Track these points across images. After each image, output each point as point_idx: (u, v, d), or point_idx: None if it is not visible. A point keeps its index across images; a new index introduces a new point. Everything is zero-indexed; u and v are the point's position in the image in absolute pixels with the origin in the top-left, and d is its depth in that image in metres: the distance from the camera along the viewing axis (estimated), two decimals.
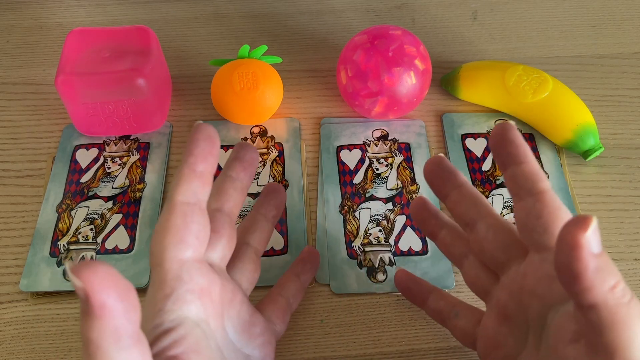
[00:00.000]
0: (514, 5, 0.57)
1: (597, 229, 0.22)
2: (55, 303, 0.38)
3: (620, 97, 0.50)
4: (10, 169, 0.45)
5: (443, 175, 0.32)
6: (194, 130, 0.28)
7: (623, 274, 0.39)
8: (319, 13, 0.57)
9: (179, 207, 0.27)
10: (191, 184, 0.27)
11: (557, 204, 0.27)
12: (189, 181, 0.27)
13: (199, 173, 0.27)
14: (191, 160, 0.27)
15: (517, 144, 0.28)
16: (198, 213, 0.27)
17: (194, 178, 0.27)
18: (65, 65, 0.42)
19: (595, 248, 0.22)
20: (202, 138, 0.28)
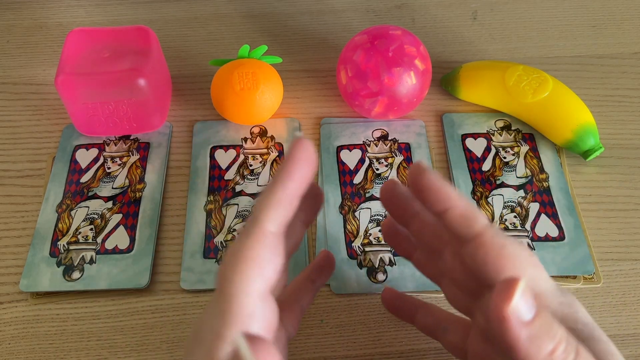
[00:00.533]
0: (514, 5, 0.57)
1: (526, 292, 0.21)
2: (55, 303, 0.38)
3: (620, 97, 0.50)
4: (10, 169, 0.45)
5: (399, 204, 0.30)
6: (297, 148, 0.24)
7: (623, 274, 0.39)
8: (319, 13, 0.57)
9: (267, 236, 0.24)
10: (284, 212, 0.24)
11: (499, 242, 0.24)
12: (282, 208, 0.24)
13: (291, 199, 0.24)
14: (288, 185, 0.24)
15: (435, 188, 0.25)
16: (281, 246, 0.25)
17: (287, 205, 0.24)
18: (65, 65, 0.42)
19: (526, 315, 0.21)
20: (305, 159, 0.24)
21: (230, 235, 0.41)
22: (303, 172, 0.24)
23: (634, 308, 0.38)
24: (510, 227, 0.41)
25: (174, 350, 0.37)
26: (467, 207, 0.25)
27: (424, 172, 0.25)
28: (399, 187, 0.30)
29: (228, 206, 0.42)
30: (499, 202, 0.43)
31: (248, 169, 0.44)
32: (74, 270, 0.39)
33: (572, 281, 0.39)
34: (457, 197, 0.25)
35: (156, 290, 0.39)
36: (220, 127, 0.47)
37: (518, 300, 0.21)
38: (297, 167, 0.24)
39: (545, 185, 0.43)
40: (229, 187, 0.43)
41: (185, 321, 0.38)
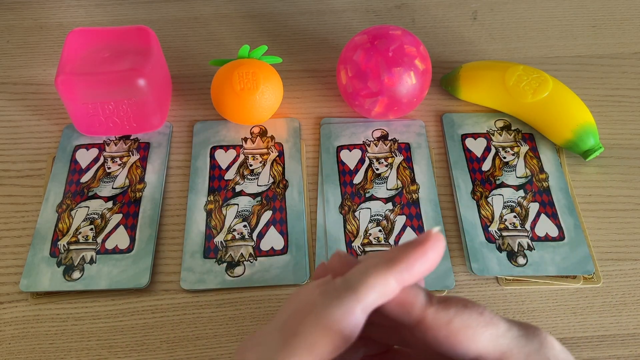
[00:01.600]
0: (514, 5, 0.57)
1: None
2: (55, 303, 0.38)
3: (620, 97, 0.50)
4: (10, 169, 0.45)
5: None
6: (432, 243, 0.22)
7: (623, 274, 0.39)
8: (319, 13, 0.57)
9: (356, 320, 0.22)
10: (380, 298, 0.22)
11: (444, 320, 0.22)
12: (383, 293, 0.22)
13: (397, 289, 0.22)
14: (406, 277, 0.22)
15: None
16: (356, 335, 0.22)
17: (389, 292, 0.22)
18: (65, 65, 0.42)
19: None
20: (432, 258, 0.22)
21: (230, 235, 0.41)
22: (422, 271, 0.22)
23: (634, 308, 0.38)
24: (510, 227, 0.41)
25: (174, 350, 0.37)
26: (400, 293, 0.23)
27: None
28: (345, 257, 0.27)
29: (228, 206, 0.42)
30: (498, 202, 0.43)
31: (248, 169, 0.44)
32: (74, 270, 0.39)
33: (572, 281, 0.39)
34: None
35: (156, 290, 0.39)
36: (220, 127, 0.47)
37: None
38: (422, 261, 0.22)
39: (545, 185, 0.43)
40: (229, 187, 0.43)
41: (185, 321, 0.38)
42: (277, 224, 0.41)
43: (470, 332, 0.22)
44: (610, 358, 0.36)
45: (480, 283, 0.39)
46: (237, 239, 0.41)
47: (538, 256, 0.40)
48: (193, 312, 0.38)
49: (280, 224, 0.41)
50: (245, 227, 0.41)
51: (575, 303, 0.38)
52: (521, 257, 0.40)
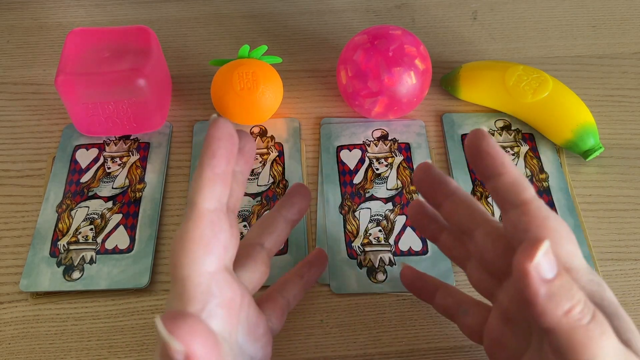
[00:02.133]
0: (514, 5, 0.57)
1: (549, 253, 0.22)
2: (55, 303, 0.38)
3: (620, 97, 0.50)
4: (10, 169, 0.45)
5: (433, 184, 0.31)
6: (213, 127, 0.26)
7: (623, 274, 0.39)
8: (319, 13, 0.57)
9: (206, 215, 0.25)
10: (215, 188, 0.26)
11: (543, 214, 0.26)
12: (212, 185, 0.26)
13: (221, 175, 0.26)
14: (214, 163, 0.26)
15: (493, 154, 0.27)
16: (224, 220, 0.26)
17: (217, 181, 0.26)
18: (65, 65, 0.42)
19: (548, 273, 0.22)
20: (223, 137, 0.26)
21: None
22: (223, 148, 0.26)
23: (634, 308, 0.38)
24: None
25: None
26: (519, 176, 0.26)
27: (485, 138, 0.27)
28: (433, 169, 0.32)
29: None
30: None
31: None
32: (74, 270, 0.39)
33: None
34: (511, 165, 0.27)
35: (156, 290, 0.39)
36: None
37: (540, 258, 0.22)
38: (215, 144, 0.26)
39: (545, 185, 0.43)
40: None
41: None
42: None
43: (558, 236, 0.25)
44: None
45: None
46: None
47: None
48: None
49: None
50: (245, 227, 0.41)
51: None
52: None
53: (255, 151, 0.32)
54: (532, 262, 0.22)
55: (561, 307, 0.23)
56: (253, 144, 0.31)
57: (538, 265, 0.22)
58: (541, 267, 0.22)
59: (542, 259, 0.22)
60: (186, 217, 0.26)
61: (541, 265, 0.22)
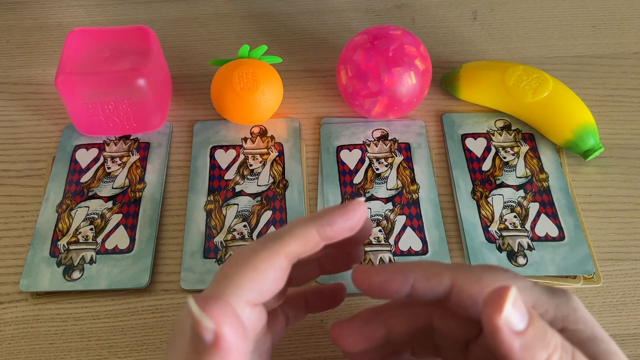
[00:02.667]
0: (514, 5, 0.57)
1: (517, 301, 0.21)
2: (55, 303, 0.38)
3: (620, 97, 0.50)
4: (10, 169, 0.45)
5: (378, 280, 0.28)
6: (355, 207, 0.25)
7: (623, 274, 0.39)
8: (319, 13, 0.57)
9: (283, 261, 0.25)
10: (305, 248, 0.25)
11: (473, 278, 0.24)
12: (307, 245, 0.25)
13: (319, 244, 0.25)
14: (327, 231, 0.25)
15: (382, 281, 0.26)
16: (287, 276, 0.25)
17: (312, 245, 0.25)
18: (65, 65, 0.42)
19: (519, 324, 0.21)
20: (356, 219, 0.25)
21: (230, 235, 0.41)
22: (343, 228, 0.25)
23: (634, 308, 0.38)
24: (510, 227, 0.41)
25: None
26: (425, 269, 0.25)
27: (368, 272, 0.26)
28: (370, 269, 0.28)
29: (228, 206, 0.42)
30: (498, 202, 0.43)
31: (248, 169, 0.44)
32: (74, 270, 0.39)
33: (572, 281, 0.39)
34: (409, 268, 0.25)
35: (156, 290, 0.39)
36: (220, 127, 0.47)
37: (509, 309, 0.21)
38: (343, 219, 0.25)
39: (545, 185, 0.43)
40: (229, 187, 0.43)
41: None
42: (277, 224, 0.41)
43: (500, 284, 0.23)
44: None
45: None
46: (237, 239, 0.41)
47: (538, 256, 0.40)
48: None
49: (280, 224, 0.41)
50: (245, 227, 0.41)
51: None
52: (521, 257, 0.40)
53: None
54: (501, 316, 0.21)
55: (538, 358, 0.21)
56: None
57: (508, 318, 0.21)
58: (511, 319, 0.21)
59: (511, 309, 0.21)
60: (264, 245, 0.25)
61: (511, 317, 0.21)
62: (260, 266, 0.24)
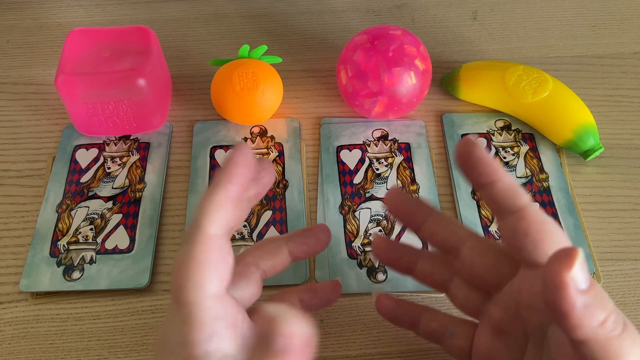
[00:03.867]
0: (514, 5, 0.57)
1: (584, 263, 0.22)
2: (55, 303, 0.38)
3: (620, 97, 0.50)
4: (10, 169, 0.45)
5: (408, 207, 0.31)
6: (236, 152, 0.26)
7: (623, 274, 0.39)
8: (319, 13, 0.57)
9: (213, 239, 0.25)
10: (224, 213, 0.25)
11: (541, 219, 0.26)
12: (223, 209, 0.25)
13: (233, 200, 0.25)
14: (229, 187, 0.25)
15: (485, 161, 0.27)
16: (228, 244, 0.26)
17: (227, 206, 0.25)
18: (65, 65, 0.42)
19: (582, 284, 0.22)
20: (243, 163, 0.26)
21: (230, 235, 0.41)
22: (243, 175, 0.26)
23: (634, 308, 0.38)
24: None
25: None
26: (512, 182, 0.27)
27: (475, 145, 0.27)
28: (405, 193, 0.31)
29: None
30: None
31: None
32: (74, 270, 0.39)
33: None
34: (504, 172, 0.27)
35: (156, 290, 0.39)
36: (220, 127, 0.47)
37: (577, 268, 0.22)
38: (237, 170, 0.25)
39: (545, 185, 0.43)
40: None
41: None
42: (277, 224, 0.41)
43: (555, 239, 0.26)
44: None
45: None
46: (237, 239, 0.41)
47: None
48: None
49: (280, 224, 0.41)
50: (245, 227, 0.41)
51: None
52: None
53: (271, 184, 0.31)
54: (570, 272, 0.21)
55: (596, 318, 0.22)
56: (272, 177, 0.30)
57: (575, 276, 0.22)
58: (578, 277, 0.22)
59: (578, 268, 0.22)
60: (191, 239, 0.25)
61: (578, 275, 0.22)
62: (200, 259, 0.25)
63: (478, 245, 0.29)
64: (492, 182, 0.27)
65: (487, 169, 0.27)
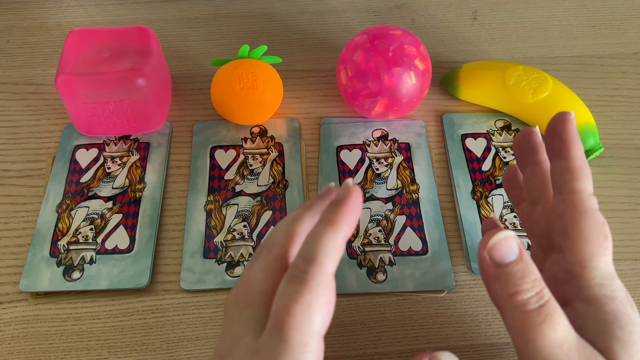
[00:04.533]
0: (514, 5, 0.57)
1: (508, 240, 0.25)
2: (55, 303, 0.38)
3: (620, 97, 0.50)
4: (10, 169, 0.45)
5: (526, 149, 0.32)
6: (352, 195, 0.25)
7: (623, 274, 0.39)
8: (319, 13, 0.57)
9: (332, 282, 0.25)
10: (339, 255, 0.25)
11: (582, 208, 0.27)
12: (339, 251, 0.25)
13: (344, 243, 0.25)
14: (347, 231, 0.25)
15: (564, 138, 0.28)
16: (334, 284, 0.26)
17: (342, 249, 0.25)
18: (65, 65, 0.42)
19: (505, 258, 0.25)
20: (358, 211, 0.25)
21: (230, 235, 0.41)
22: (355, 222, 0.26)
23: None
24: (510, 227, 0.41)
25: (174, 350, 0.37)
26: (579, 165, 0.28)
27: (565, 121, 0.28)
28: (534, 136, 0.32)
29: (228, 206, 0.42)
30: (498, 202, 0.43)
31: (248, 169, 0.44)
32: (74, 270, 0.39)
33: None
34: (576, 153, 0.28)
35: (156, 290, 0.39)
36: (220, 127, 0.47)
37: (492, 245, 0.25)
38: (352, 217, 0.25)
39: None
40: (229, 187, 0.43)
41: (185, 321, 0.38)
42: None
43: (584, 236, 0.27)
44: None
45: (480, 283, 0.39)
46: (237, 239, 0.41)
47: None
48: (193, 312, 0.38)
49: None
50: (245, 227, 0.41)
51: None
52: None
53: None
54: (485, 249, 0.25)
55: (506, 291, 0.25)
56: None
57: (490, 251, 0.25)
58: (494, 252, 0.25)
59: (497, 245, 0.25)
60: (312, 278, 0.24)
61: (494, 251, 0.25)
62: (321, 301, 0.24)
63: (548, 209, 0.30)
64: (560, 158, 0.28)
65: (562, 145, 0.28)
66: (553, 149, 0.29)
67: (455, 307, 0.38)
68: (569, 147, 0.28)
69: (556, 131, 0.28)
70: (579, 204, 0.27)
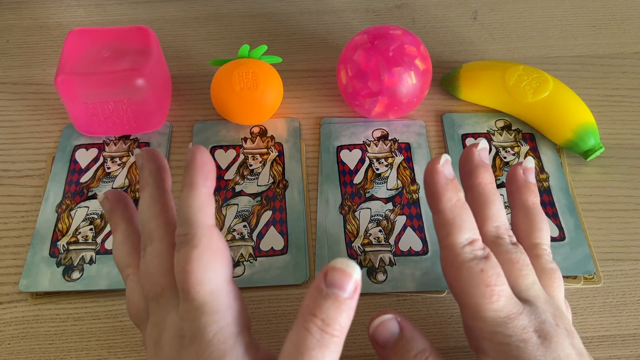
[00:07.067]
0: (514, 5, 0.57)
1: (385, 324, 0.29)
2: (55, 303, 0.38)
3: (620, 97, 0.50)
4: (10, 169, 0.45)
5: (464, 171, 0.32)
6: (199, 153, 0.28)
7: (623, 274, 0.39)
8: (319, 13, 0.56)
9: (214, 229, 0.27)
10: (211, 207, 0.28)
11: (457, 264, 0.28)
12: (210, 205, 0.28)
13: (211, 195, 0.28)
14: (208, 184, 0.28)
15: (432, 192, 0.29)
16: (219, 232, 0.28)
17: (211, 200, 0.28)
18: (65, 65, 0.42)
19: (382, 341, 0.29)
20: (209, 161, 0.28)
21: (230, 235, 0.41)
22: (212, 172, 0.28)
23: (634, 308, 0.38)
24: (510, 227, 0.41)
25: None
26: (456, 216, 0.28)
27: (435, 172, 0.29)
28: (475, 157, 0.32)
29: (228, 206, 0.42)
30: None
31: (248, 169, 0.44)
32: (73, 270, 0.39)
33: (573, 281, 0.39)
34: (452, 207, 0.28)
35: None
36: (220, 127, 0.47)
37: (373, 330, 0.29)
38: (208, 167, 0.28)
39: (546, 185, 0.43)
40: (228, 187, 0.43)
41: None
42: (277, 224, 0.41)
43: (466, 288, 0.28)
44: (611, 358, 0.36)
45: None
46: (237, 239, 0.41)
47: None
48: None
49: (280, 224, 0.41)
50: (245, 227, 0.41)
51: (576, 303, 0.38)
52: None
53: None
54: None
55: None
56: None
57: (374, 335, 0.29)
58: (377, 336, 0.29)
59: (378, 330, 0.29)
60: (194, 235, 0.26)
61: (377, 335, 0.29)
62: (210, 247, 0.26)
63: None
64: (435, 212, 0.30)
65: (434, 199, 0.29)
66: (429, 204, 0.30)
67: (455, 307, 0.38)
68: (438, 200, 0.28)
69: (426, 184, 0.29)
70: (454, 259, 0.28)
